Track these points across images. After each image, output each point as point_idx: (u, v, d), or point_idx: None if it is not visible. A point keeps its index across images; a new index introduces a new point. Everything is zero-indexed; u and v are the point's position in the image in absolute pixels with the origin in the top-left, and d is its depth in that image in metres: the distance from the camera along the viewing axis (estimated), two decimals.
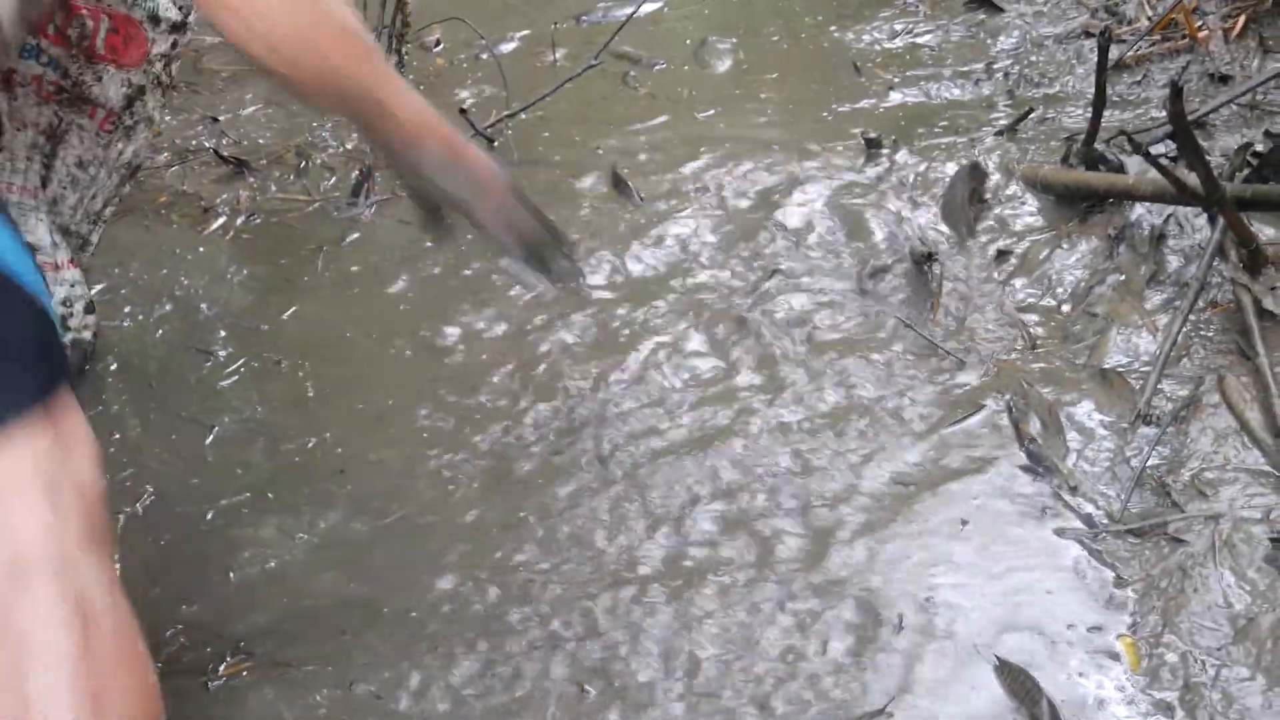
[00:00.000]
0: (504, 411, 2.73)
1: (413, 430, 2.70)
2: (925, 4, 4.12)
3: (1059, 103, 3.54)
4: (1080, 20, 3.86)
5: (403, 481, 2.58)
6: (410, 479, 2.58)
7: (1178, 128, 2.48)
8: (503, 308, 3.02)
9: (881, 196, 3.26)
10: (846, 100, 3.69)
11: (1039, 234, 3.06)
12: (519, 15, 4.27)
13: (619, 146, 3.56)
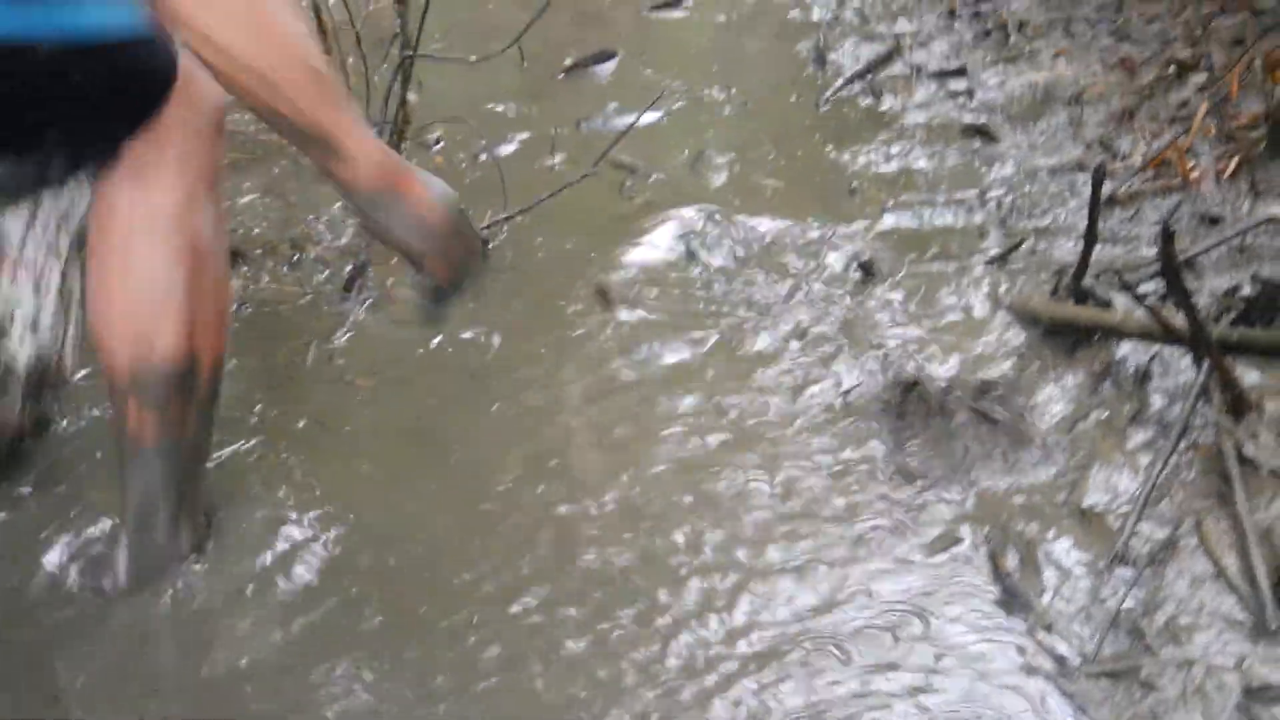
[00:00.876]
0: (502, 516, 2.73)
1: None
2: (922, 129, 4.16)
3: (1050, 235, 3.56)
4: (1075, 154, 3.90)
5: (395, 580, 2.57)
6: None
7: (1167, 270, 2.51)
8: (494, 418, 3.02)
9: (870, 321, 3.27)
10: (840, 221, 3.72)
11: (1025, 366, 3.07)
12: (520, 118, 4.31)
13: (610, 258, 3.58)
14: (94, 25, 2.08)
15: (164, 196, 2.26)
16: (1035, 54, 4.45)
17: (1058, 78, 4.27)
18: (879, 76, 4.48)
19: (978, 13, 4.78)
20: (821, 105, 4.35)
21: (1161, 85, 4.09)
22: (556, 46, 4.64)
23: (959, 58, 4.53)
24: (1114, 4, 4.64)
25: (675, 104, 4.34)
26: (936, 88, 4.38)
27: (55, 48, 2.02)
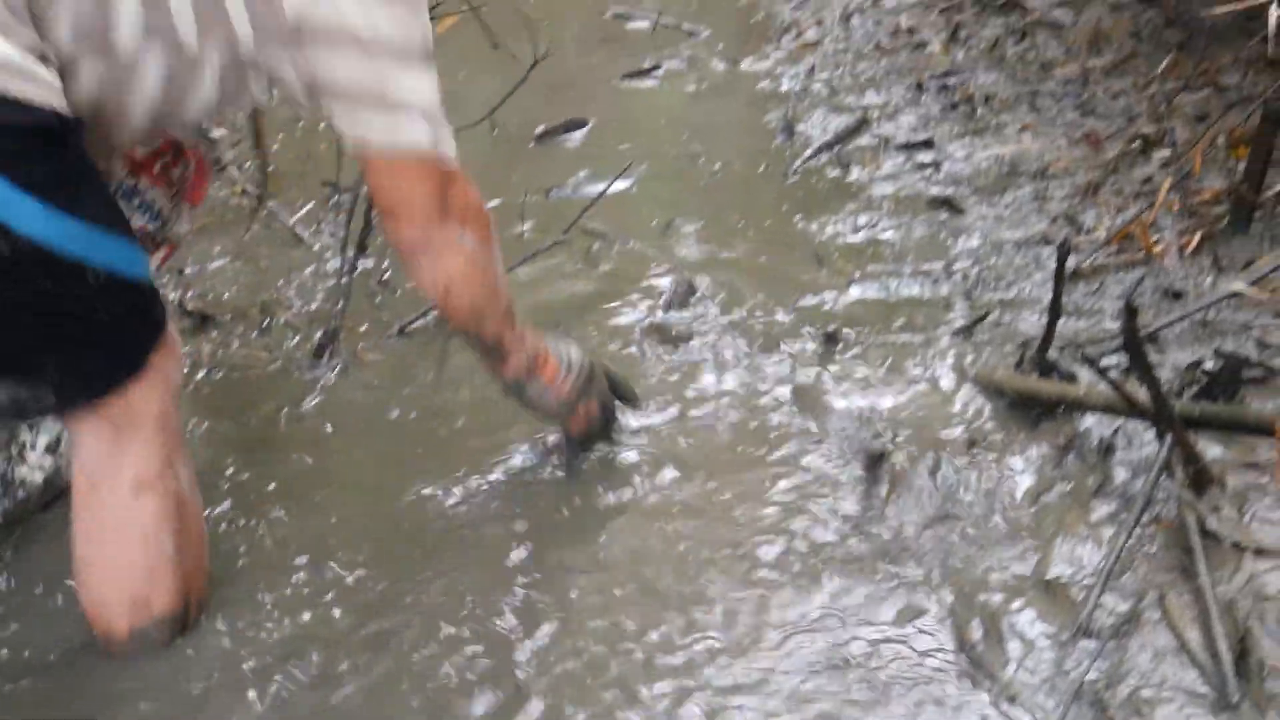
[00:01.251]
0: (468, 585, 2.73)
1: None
2: (889, 200, 4.19)
3: (1015, 307, 3.60)
4: (1040, 226, 3.94)
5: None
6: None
7: (1131, 346, 2.53)
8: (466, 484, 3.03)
9: (837, 392, 3.29)
10: (808, 291, 3.74)
11: (990, 438, 3.09)
12: (491, 185, 4.32)
13: (579, 324, 3.60)
14: (135, 264, 2.20)
15: (148, 460, 2.36)
16: (1001, 127, 4.50)
17: (1023, 151, 4.32)
18: (847, 148, 4.52)
19: (945, 86, 4.83)
20: (790, 175, 4.38)
21: (1126, 160, 4.14)
22: (528, 114, 4.67)
23: (926, 130, 4.58)
24: (1079, 79, 4.70)
25: (645, 173, 4.37)
26: (904, 159, 4.42)
27: (103, 275, 2.13)
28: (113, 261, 2.15)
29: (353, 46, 2.27)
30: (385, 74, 2.30)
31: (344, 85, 2.31)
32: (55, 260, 2.06)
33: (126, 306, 2.23)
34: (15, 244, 2.01)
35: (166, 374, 2.37)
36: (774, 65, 5.17)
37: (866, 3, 5.58)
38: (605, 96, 4.96)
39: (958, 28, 5.19)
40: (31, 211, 2.02)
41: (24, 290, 2.07)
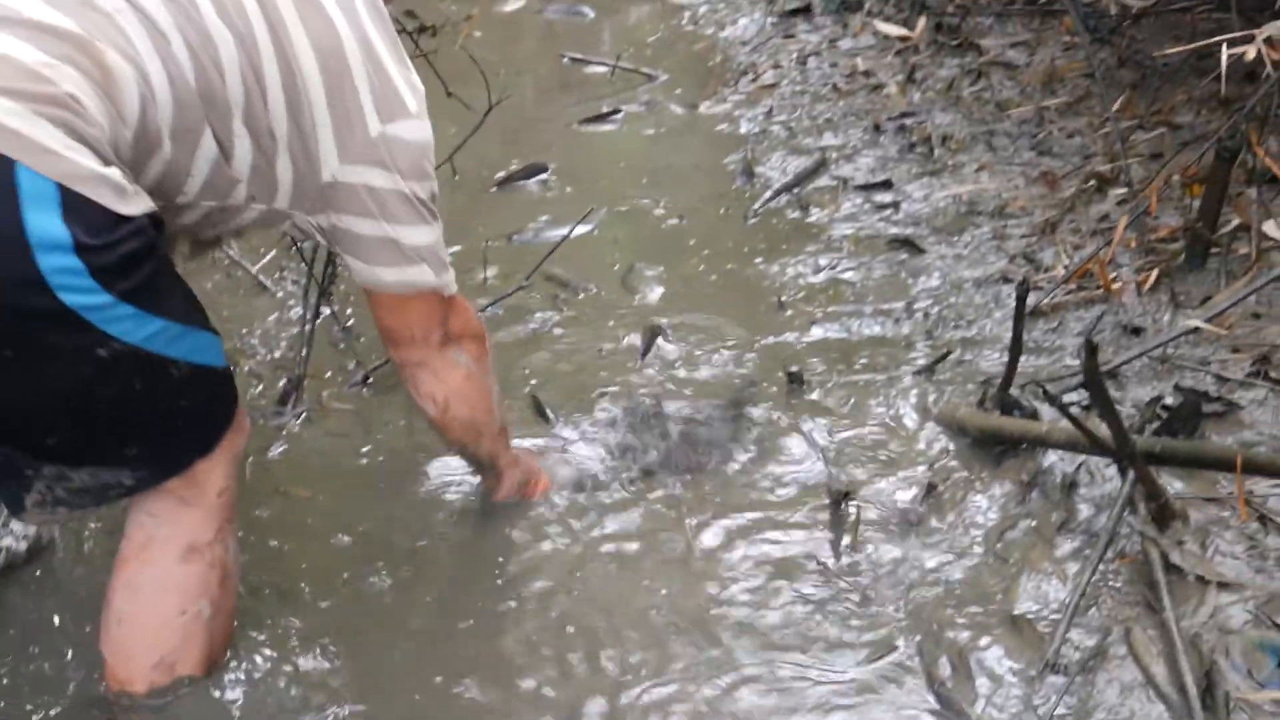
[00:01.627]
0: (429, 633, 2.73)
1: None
2: (849, 241, 4.22)
3: (976, 345, 3.62)
4: (999, 265, 3.97)
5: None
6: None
7: (1091, 383, 2.56)
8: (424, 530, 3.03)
9: (801, 432, 3.31)
10: (770, 333, 3.76)
11: (954, 475, 3.11)
12: (453, 231, 4.31)
13: (543, 370, 3.61)
14: (213, 353, 2.31)
15: (202, 529, 2.44)
16: (959, 167, 4.53)
17: (981, 191, 4.35)
18: (806, 189, 4.55)
19: (902, 126, 4.86)
20: (750, 218, 4.40)
21: (1082, 198, 4.17)
22: (488, 160, 4.68)
23: (884, 171, 4.61)
24: (1034, 119, 4.74)
25: (606, 217, 4.39)
26: (863, 200, 4.45)
27: (185, 367, 2.23)
28: (194, 353, 2.25)
29: (376, 211, 2.46)
30: (401, 232, 2.50)
31: (363, 241, 2.51)
32: (145, 358, 2.16)
33: (206, 393, 2.33)
34: (113, 349, 2.12)
35: (234, 451, 2.46)
36: (732, 108, 5.19)
37: (823, 45, 5.61)
38: (564, 141, 4.98)
39: (914, 69, 5.23)
40: (128, 318, 2.12)
41: (117, 387, 2.17)
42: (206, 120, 2.27)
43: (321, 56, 2.37)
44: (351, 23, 2.43)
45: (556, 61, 5.71)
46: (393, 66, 2.48)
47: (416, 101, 2.50)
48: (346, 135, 2.41)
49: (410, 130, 2.47)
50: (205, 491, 2.42)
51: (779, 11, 5.96)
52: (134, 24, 2.16)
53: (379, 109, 2.43)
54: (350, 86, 2.40)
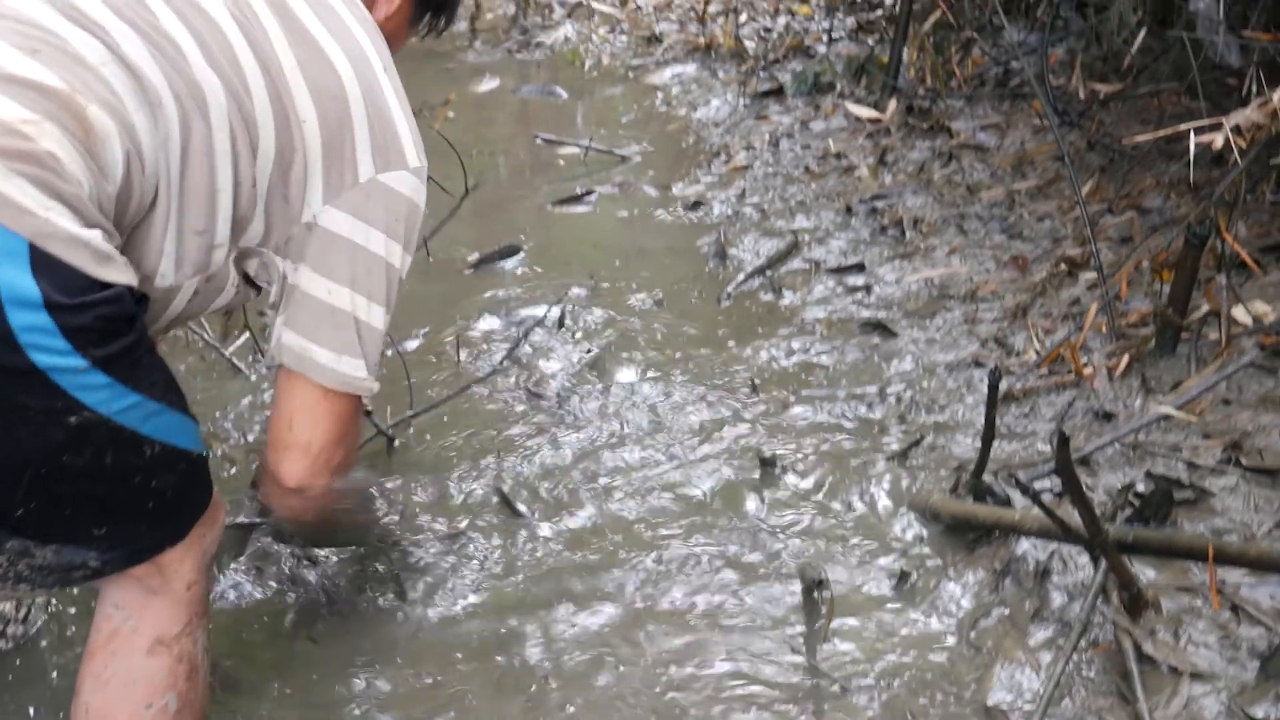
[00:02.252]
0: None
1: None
2: (822, 324, 4.24)
3: (949, 430, 3.63)
4: (971, 349, 3.99)
5: None
6: None
7: (1063, 474, 2.57)
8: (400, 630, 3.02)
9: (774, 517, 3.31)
10: (743, 417, 3.77)
11: (928, 563, 3.12)
12: (426, 313, 4.35)
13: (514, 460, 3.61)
14: (188, 436, 2.24)
15: (169, 622, 2.37)
16: (930, 250, 4.56)
17: (953, 274, 4.38)
18: (779, 272, 4.57)
19: (874, 209, 4.90)
20: (723, 300, 4.42)
21: (1053, 282, 4.20)
22: (461, 241, 4.70)
23: (857, 254, 4.64)
24: (1005, 202, 4.78)
25: (579, 299, 4.40)
26: (835, 283, 4.47)
27: (158, 447, 2.17)
28: (169, 434, 2.19)
29: (342, 270, 2.37)
30: (358, 303, 2.39)
31: (312, 307, 2.38)
32: (118, 432, 2.10)
33: (179, 477, 2.26)
34: (85, 418, 2.05)
35: (204, 544, 2.39)
36: (705, 189, 5.23)
37: (795, 127, 5.65)
38: (538, 222, 5.00)
39: (885, 151, 5.27)
40: (102, 387, 2.06)
41: (87, 459, 2.10)
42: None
43: (321, 103, 2.33)
44: (359, 69, 2.39)
45: (530, 142, 5.75)
46: (399, 117, 2.43)
47: (418, 158, 2.45)
48: (336, 181, 2.35)
49: (404, 183, 2.41)
50: (173, 582, 2.37)
51: (751, 93, 6.00)
52: (120, 76, 2.12)
53: (376, 158, 2.37)
54: (350, 135, 2.35)
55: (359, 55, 2.41)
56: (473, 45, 6.80)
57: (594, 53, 6.65)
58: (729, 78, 6.18)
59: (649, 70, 6.47)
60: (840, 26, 6.42)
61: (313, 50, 2.35)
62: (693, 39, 6.66)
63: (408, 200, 2.41)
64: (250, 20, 2.29)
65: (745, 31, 6.59)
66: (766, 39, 6.54)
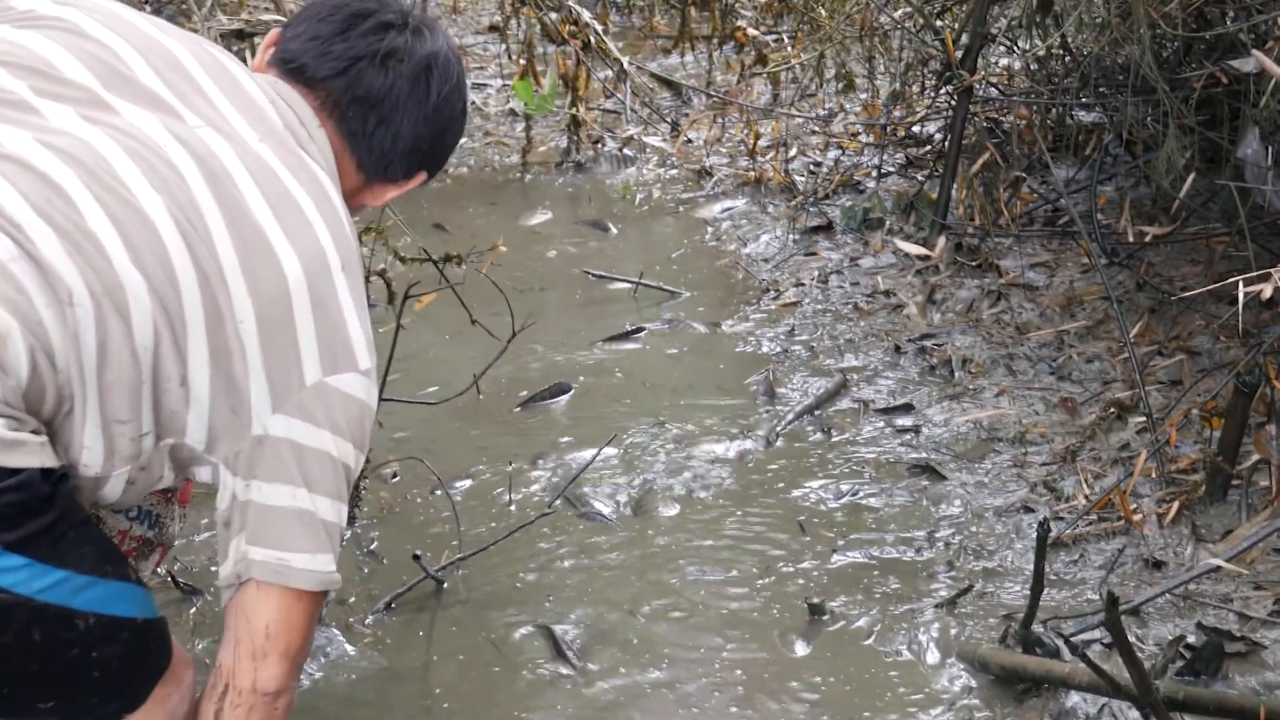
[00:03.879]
0: None
1: None
2: (870, 466, 4.24)
3: (998, 577, 3.63)
4: (1020, 494, 3.99)
5: None
6: None
7: (1113, 632, 2.56)
8: None
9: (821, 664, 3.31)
10: (791, 560, 3.77)
11: (976, 715, 3.10)
12: (476, 452, 4.38)
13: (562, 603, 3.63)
14: (130, 604, 2.23)
15: None
16: (979, 391, 4.57)
17: (1001, 416, 4.39)
18: (827, 411, 4.58)
19: (923, 348, 4.91)
20: (772, 441, 4.43)
21: (1102, 426, 4.20)
22: (511, 379, 4.74)
23: (905, 394, 4.65)
24: (1054, 342, 4.79)
25: (628, 439, 4.42)
26: (883, 424, 4.48)
27: (92, 619, 2.15)
28: (104, 605, 2.17)
29: (296, 474, 2.27)
30: (319, 504, 2.30)
31: (275, 517, 2.28)
32: (42, 610, 2.09)
33: (122, 646, 2.23)
34: (3, 599, 2.05)
35: (169, 706, 2.35)
36: (754, 326, 5.25)
37: (844, 263, 5.68)
38: (588, 360, 5.03)
39: (934, 289, 5.29)
40: (19, 568, 2.06)
41: (13, 638, 2.09)
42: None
43: (261, 305, 2.22)
44: (310, 269, 2.27)
45: (580, 277, 5.79)
46: (351, 318, 2.32)
47: (370, 359, 2.34)
48: (282, 384, 2.25)
49: (353, 385, 2.30)
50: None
51: (800, 229, 6.04)
52: (28, 273, 2.06)
53: (323, 361, 2.27)
54: (290, 336, 2.25)
55: (313, 254, 2.28)
56: (523, 179, 6.87)
57: (644, 186, 6.71)
58: (779, 213, 6.22)
59: (699, 204, 6.51)
60: (890, 162, 6.47)
61: (259, 249, 2.24)
62: (743, 173, 6.71)
63: (358, 402, 2.31)
64: (190, 219, 2.20)
65: (795, 166, 6.63)
66: (816, 173, 6.59)
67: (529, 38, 7.11)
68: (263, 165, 2.29)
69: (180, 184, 2.19)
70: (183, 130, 2.25)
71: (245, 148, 2.29)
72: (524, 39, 7.17)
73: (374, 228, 3.75)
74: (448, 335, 4.98)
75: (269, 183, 2.28)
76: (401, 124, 2.52)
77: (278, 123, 2.38)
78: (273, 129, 2.36)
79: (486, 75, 8.05)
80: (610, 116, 7.54)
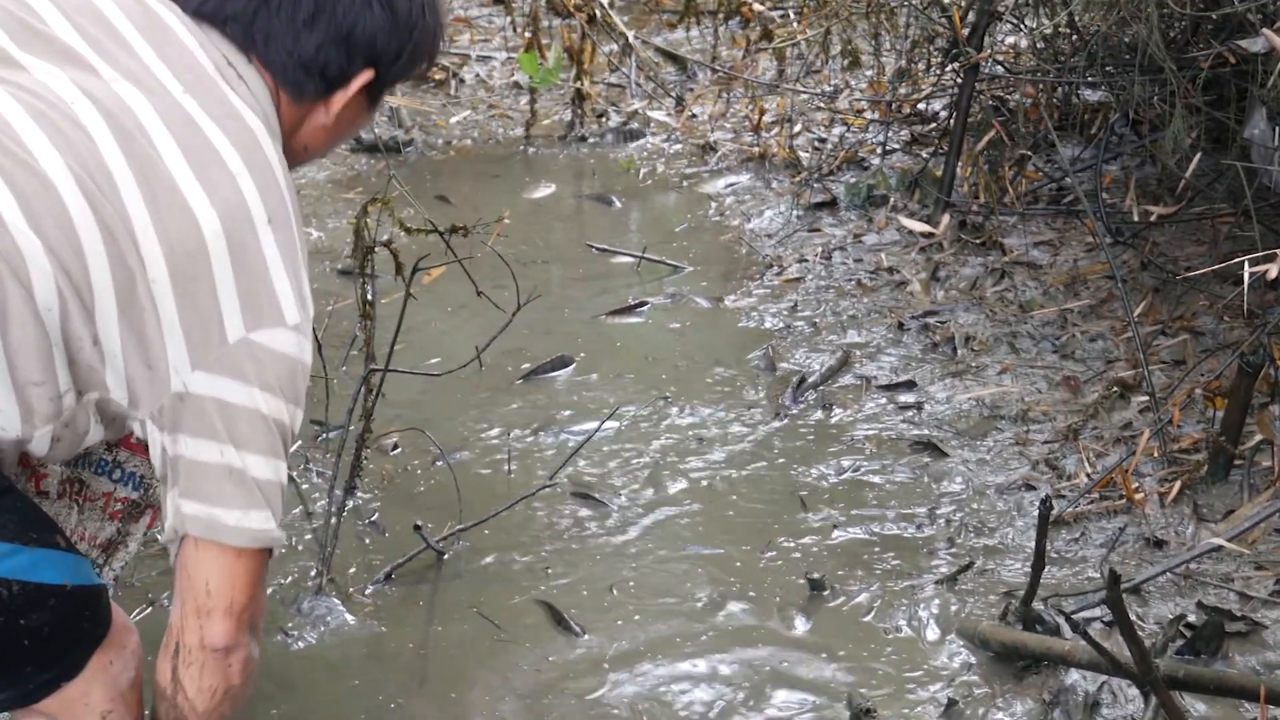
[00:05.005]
0: None
1: None
2: (872, 443, 4.24)
3: (998, 554, 3.63)
4: (1022, 471, 3.98)
5: None
6: None
7: (1115, 613, 2.56)
8: None
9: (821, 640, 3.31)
10: (791, 536, 3.77)
11: (975, 691, 3.10)
12: (477, 424, 4.37)
13: (563, 575, 3.63)
14: (57, 571, 2.20)
15: None
16: (982, 369, 4.56)
17: (1004, 394, 4.38)
18: (830, 388, 4.57)
19: (926, 325, 4.90)
20: (773, 415, 4.43)
21: (1105, 404, 4.20)
22: (513, 351, 4.72)
23: (908, 371, 4.64)
24: (1057, 321, 4.78)
25: (630, 412, 4.41)
26: (886, 400, 4.47)
27: (15, 586, 2.14)
28: (27, 572, 2.16)
29: (223, 432, 2.22)
30: (249, 460, 2.25)
31: (203, 473, 2.24)
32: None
33: (50, 613, 2.20)
34: None
35: (112, 673, 2.32)
36: (757, 302, 5.23)
37: (847, 240, 5.67)
38: (590, 333, 5.02)
39: (937, 267, 5.27)
40: None
41: None
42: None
43: (174, 261, 2.16)
44: (230, 223, 2.19)
45: (583, 251, 5.78)
46: (278, 272, 2.24)
47: (300, 313, 2.26)
48: (200, 342, 2.18)
49: (282, 342, 2.23)
50: (84, 716, 2.31)
51: (804, 205, 6.02)
52: None
53: (246, 315, 2.20)
54: (209, 291, 2.18)
55: (233, 206, 2.21)
56: (527, 152, 6.85)
57: (648, 160, 6.69)
58: (782, 188, 6.20)
59: (703, 179, 6.49)
60: (895, 138, 6.45)
61: (172, 205, 2.17)
62: (747, 148, 6.68)
63: (288, 358, 2.25)
64: (95, 178, 2.13)
65: (799, 142, 6.60)
66: (820, 150, 6.56)
67: (534, 10, 7.07)
68: (183, 117, 2.21)
69: (86, 142, 2.13)
70: (96, 86, 2.19)
71: (166, 100, 2.21)
72: (529, 12, 7.13)
73: (379, 198, 3.73)
74: (450, 308, 4.97)
75: (188, 135, 2.20)
76: (287, 31, 2.38)
77: (208, 68, 2.29)
78: (201, 76, 2.27)
79: (491, 48, 8.01)
80: (615, 90, 7.50)
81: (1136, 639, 2.62)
